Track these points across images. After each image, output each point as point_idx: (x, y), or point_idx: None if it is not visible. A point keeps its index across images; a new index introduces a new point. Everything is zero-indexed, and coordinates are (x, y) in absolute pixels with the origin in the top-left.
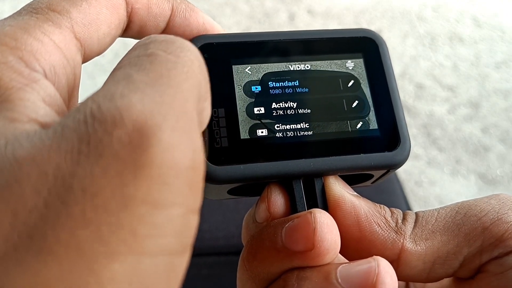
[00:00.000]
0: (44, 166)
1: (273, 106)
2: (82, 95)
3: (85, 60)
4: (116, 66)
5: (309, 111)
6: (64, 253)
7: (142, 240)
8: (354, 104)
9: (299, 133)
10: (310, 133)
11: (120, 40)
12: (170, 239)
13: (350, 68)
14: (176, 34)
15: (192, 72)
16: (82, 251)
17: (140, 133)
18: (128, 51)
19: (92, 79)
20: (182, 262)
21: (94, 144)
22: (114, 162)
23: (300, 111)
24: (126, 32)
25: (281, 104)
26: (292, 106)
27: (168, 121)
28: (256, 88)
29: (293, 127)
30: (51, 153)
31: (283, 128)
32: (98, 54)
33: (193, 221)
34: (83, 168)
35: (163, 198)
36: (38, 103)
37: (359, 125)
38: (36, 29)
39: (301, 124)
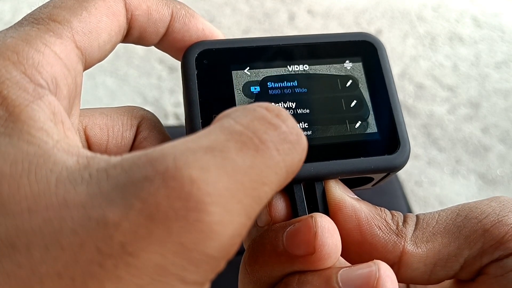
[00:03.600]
0: (91, 211)
1: None
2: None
3: (86, 68)
4: (223, 114)
5: (308, 115)
6: None
7: None
8: (353, 108)
9: None
10: (310, 137)
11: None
12: None
13: (349, 71)
14: (176, 39)
15: (283, 176)
16: None
17: (199, 218)
18: (246, 108)
19: (92, 79)
20: None
21: (151, 204)
22: (161, 231)
23: (300, 114)
24: (126, 38)
25: (280, 104)
26: (291, 108)
27: (236, 222)
28: (255, 89)
29: None
30: (101, 200)
31: None
32: (99, 61)
33: None
34: (130, 223)
35: (192, 278)
36: (48, 123)
37: (358, 129)
38: (37, 40)
39: (301, 124)
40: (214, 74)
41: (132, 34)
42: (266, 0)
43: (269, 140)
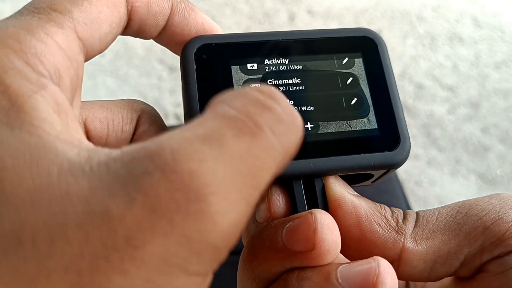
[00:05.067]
0: (94, 205)
1: None
2: (82, 95)
3: (86, 59)
4: (215, 106)
5: (308, 111)
6: None
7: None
8: (354, 104)
9: None
10: (309, 133)
11: (120, 40)
12: None
13: (349, 68)
14: (175, 33)
15: (280, 159)
16: None
17: (200, 208)
18: (239, 92)
19: (92, 79)
20: None
21: (152, 198)
22: (164, 223)
23: (299, 109)
24: (126, 30)
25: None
26: (291, 104)
27: (236, 210)
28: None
29: None
30: (104, 194)
31: None
32: (99, 53)
33: (206, 284)
34: (133, 217)
35: (195, 268)
36: (51, 114)
37: (358, 125)
38: (39, 30)
39: None
40: (213, 69)
41: (131, 26)
42: (266, 0)
43: (264, 123)
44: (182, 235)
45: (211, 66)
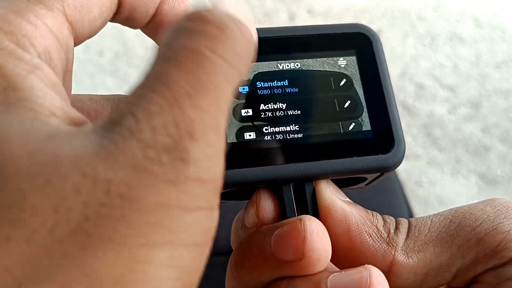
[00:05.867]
0: (84, 168)
1: (261, 108)
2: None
3: (75, 44)
4: (156, 53)
5: (299, 112)
6: (108, 246)
7: (178, 234)
8: (346, 105)
9: (289, 136)
10: (300, 135)
11: (120, 40)
12: (199, 233)
13: (342, 66)
14: (164, 22)
15: (233, 75)
16: (125, 244)
17: (177, 151)
18: (169, 30)
19: (92, 79)
20: (207, 251)
21: (130, 156)
22: (148, 176)
23: (290, 112)
24: (116, 16)
25: (270, 105)
26: (281, 107)
27: (206, 139)
28: (244, 89)
29: (283, 130)
30: (91, 157)
31: (272, 131)
32: (88, 38)
33: (215, 216)
34: (119, 177)
35: (193, 204)
36: (49, 93)
37: (351, 127)
38: (29, 12)
39: (291, 127)
40: None
41: (121, 13)
42: (266, 0)
43: (202, 47)
44: (167, 180)
45: None
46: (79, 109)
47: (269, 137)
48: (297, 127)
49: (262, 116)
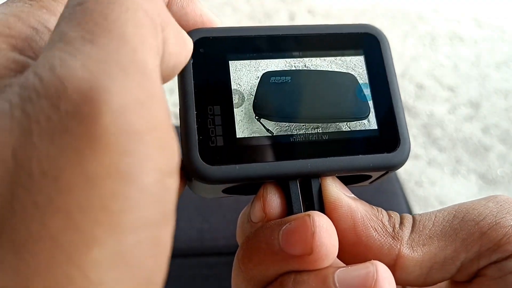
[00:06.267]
0: (2, 153)
1: (270, 105)
2: None
3: None
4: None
5: (307, 111)
6: (38, 246)
7: (118, 217)
8: (354, 104)
9: (297, 133)
10: (308, 133)
11: None
12: (148, 209)
13: (350, 66)
14: None
15: (134, 6)
16: (57, 242)
17: (87, 101)
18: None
19: None
20: (166, 233)
21: (44, 122)
22: (67, 138)
23: (298, 111)
24: None
25: (278, 103)
26: (290, 105)
27: (115, 80)
28: (254, 86)
29: (291, 127)
30: (6, 138)
31: (280, 128)
32: None
33: (171, 184)
34: (38, 150)
35: (129, 167)
36: (9, 54)
37: (358, 126)
38: (30, 17)
39: (299, 124)
40: (210, 64)
41: None
42: (266, 0)
43: None
44: (90, 141)
45: (208, 60)
46: None
47: (277, 134)
48: (305, 125)
49: (270, 113)
